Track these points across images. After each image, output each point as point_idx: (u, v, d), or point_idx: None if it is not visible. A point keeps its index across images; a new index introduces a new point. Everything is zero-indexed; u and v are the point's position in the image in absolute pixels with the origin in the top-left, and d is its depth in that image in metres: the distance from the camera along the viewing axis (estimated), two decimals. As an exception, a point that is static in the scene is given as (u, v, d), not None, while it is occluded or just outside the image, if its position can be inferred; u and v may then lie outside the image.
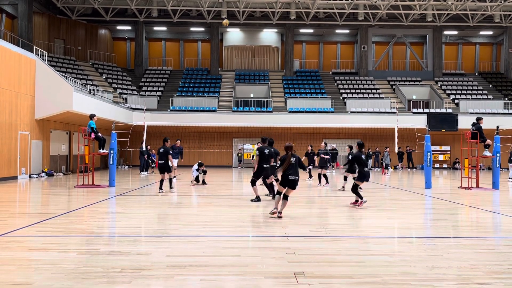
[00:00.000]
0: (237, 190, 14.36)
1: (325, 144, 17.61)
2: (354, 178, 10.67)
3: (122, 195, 12.68)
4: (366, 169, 10.24)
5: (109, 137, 18.40)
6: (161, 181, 13.11)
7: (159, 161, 13.04)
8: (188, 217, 8.86)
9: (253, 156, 20.97)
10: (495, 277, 4.75)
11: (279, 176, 8.88)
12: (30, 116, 19.49)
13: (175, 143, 19.05)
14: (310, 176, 18.91)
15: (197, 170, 16.26)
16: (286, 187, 8.49)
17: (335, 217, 9.02)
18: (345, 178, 14.61)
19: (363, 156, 10.39)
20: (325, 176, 16.03)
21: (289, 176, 8.40)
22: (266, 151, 11.13)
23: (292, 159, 8.49)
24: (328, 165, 19.49)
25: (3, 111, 17.44)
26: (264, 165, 11.11)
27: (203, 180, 16.35)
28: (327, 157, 16.71)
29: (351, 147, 15.31)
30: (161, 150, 13.03)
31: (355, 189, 10.24)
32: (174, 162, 17.68)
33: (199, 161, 16.74)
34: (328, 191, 14.51)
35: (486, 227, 8.05)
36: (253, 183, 11.29)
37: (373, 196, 12.98)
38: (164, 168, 13.02)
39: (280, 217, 8.39)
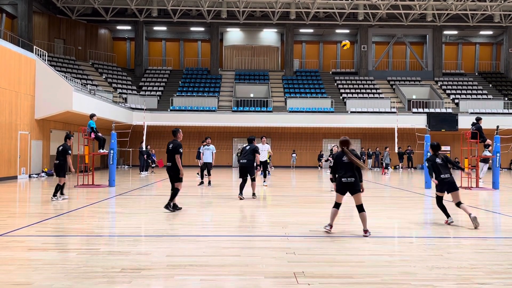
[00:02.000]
0: (237, 190, 14.34)
1: (338, 147, 17.59)
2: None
3: (122, 195, 12.68)
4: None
5: (109, 137, 18.39)
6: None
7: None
8: (188, 217, 8.86)
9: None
10: (495, 277, 4.75)
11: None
12: (30, 116, 19.49)
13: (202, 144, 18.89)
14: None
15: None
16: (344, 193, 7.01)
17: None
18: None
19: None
20: None
21: (342, 179, 6.91)
22: (247, 147, 11.66)
23: (344, 158, 6.89)
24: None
25: (3, 111, 17.44)
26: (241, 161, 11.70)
27: (209, 181, 16.07)
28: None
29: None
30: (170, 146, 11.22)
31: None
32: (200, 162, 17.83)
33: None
34: (329, 190, 14.50)
35: (486, 227, 8.04)
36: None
37: (373, 196, 12.98)
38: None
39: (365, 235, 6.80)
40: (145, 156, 23.10)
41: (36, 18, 30.73)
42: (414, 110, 31.68)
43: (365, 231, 6.82)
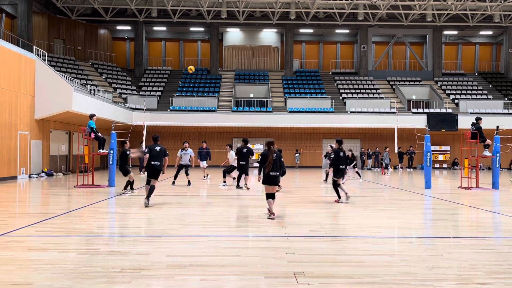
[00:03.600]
0: (237, 190, 14.36)
1: (331, 147, 17.64)
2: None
3: (122, 195, 12.68)
4: (341, 166, 11.00)
5: (109, 137, 18.39)
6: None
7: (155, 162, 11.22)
8: (188, 217, 8.86)
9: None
10: (495, 277, 4.75)
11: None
12: (30, 116, 19.49)
13: (201, 145, 19.15)
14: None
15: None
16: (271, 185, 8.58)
17: (335, 217, 9.02)
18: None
19: (341, 154, 11.12)
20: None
21: (270, 173, 8.44)
22: (244, 150, 13.93)
23: (274, 155, 8.48)
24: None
25: (3, 111, 17.43)
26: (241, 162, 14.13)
27: (188, 181, 16.35)
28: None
29: (340, 142, 14.98)
30: (158, 148, 11.34)
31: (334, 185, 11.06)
32: (202, 163, 18.81)
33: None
34: (330, 190, 14.51)
35: (486, 227, 8.05)
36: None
37: (373, 196, 12.99)
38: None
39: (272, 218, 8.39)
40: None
41: (36, 18, 30.73)
42: (414, 110, 31.68)
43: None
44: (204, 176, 18.81)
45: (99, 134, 15.12)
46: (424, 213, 9.86)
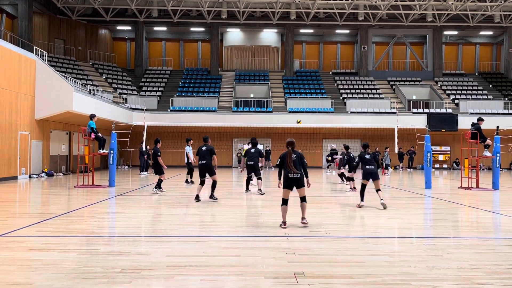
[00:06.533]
0: (237, 190, 14.36)
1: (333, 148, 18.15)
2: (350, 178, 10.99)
3: (122, 195, 12.69)
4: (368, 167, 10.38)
5: (109, 137, 18.39)
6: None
7: (200, 161, 11.26)
8: (188, 217, 8.86)
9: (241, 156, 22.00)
10: (495, 277, 4.75)
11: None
12: (30, 116, 19.49)
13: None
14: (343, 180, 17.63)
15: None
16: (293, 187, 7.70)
17: (335, 217, 9.02)
18: (351, 179, 14.42)
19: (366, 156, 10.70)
20: (343, 175, 16.63)
21: (289, 174, 7.65)
22: (252, 150, 13.21)
23: (293, 156, 7.76)
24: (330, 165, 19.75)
25: (3, 111, 17.44)
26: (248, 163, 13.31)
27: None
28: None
29: (347, 147, 15.24)
30: (204, 148, 11.28)
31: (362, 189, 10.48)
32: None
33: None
34: (329, 190, 14.50)
35: (486, 227, 8.04)
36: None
37: (373, 196, 12.99)
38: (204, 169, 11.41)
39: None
40: (145, 156, 23.10)
41: (36, 18, 30.73)
42: (414, 110, 31.68)
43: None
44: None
45: (100, 134, 15.12)
46: (424, 213, 9.86)
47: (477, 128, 14.68)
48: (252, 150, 13.28)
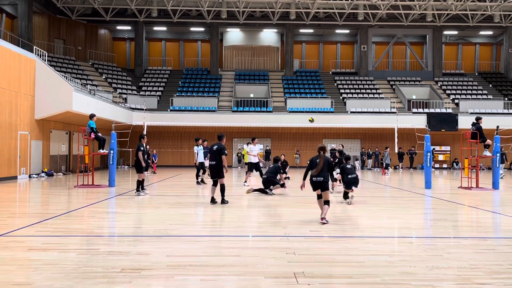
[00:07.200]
0: (237, 190, 14.36)
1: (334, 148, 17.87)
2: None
3: (122, 195, 12.68)
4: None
5: (109, 137, 18.38)
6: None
7: (210, 162, 10.71)
8: (188, 217, 8.86)
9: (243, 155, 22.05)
10: (495, 277, 4.74)
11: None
12: (30, 116, 19.49)
13: (202, 143, 19.01)
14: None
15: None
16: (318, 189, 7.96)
17: (335, 217, 9.01)
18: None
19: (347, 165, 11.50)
20: None
21: (313, 178, 7.89)
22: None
23: (323, 161, 7.89)
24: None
25: (3, 111, 17.43)
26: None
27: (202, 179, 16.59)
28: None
29: (341, 152, 14.07)
30: (214, 148, 10.64)
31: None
32: (206, 162, 18.49)
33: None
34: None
35: (486, 227, 8.04)
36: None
37: (373, 196, 12.98)
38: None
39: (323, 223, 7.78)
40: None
41: (36, 18, 30.73)
42: (414, 110, 31.68)
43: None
44: (208, 175, 18.71)
45: (99, 134, 15.12)
46: (424, 213, 9.86)
47: (478, 127, 14.67)
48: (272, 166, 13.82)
